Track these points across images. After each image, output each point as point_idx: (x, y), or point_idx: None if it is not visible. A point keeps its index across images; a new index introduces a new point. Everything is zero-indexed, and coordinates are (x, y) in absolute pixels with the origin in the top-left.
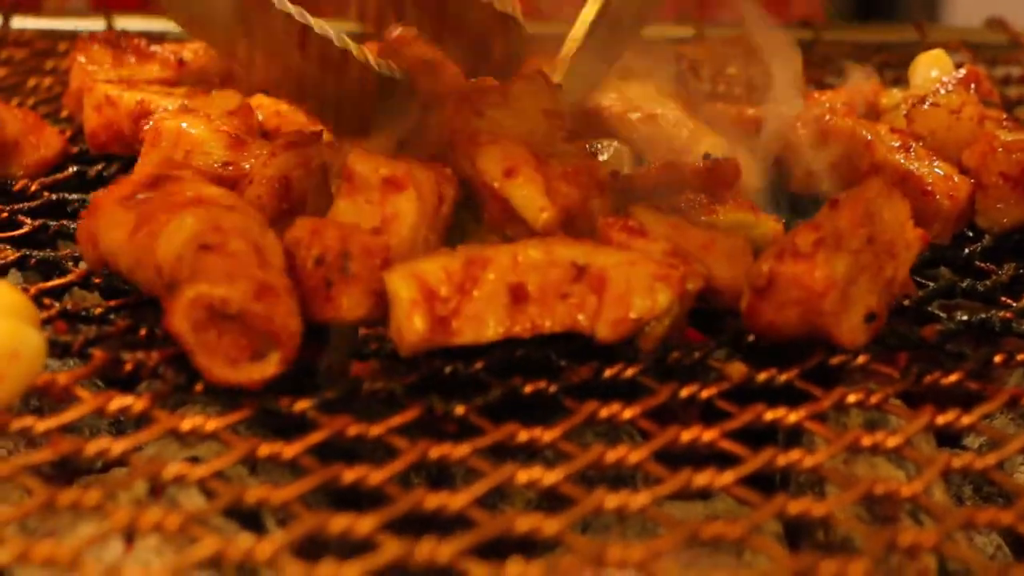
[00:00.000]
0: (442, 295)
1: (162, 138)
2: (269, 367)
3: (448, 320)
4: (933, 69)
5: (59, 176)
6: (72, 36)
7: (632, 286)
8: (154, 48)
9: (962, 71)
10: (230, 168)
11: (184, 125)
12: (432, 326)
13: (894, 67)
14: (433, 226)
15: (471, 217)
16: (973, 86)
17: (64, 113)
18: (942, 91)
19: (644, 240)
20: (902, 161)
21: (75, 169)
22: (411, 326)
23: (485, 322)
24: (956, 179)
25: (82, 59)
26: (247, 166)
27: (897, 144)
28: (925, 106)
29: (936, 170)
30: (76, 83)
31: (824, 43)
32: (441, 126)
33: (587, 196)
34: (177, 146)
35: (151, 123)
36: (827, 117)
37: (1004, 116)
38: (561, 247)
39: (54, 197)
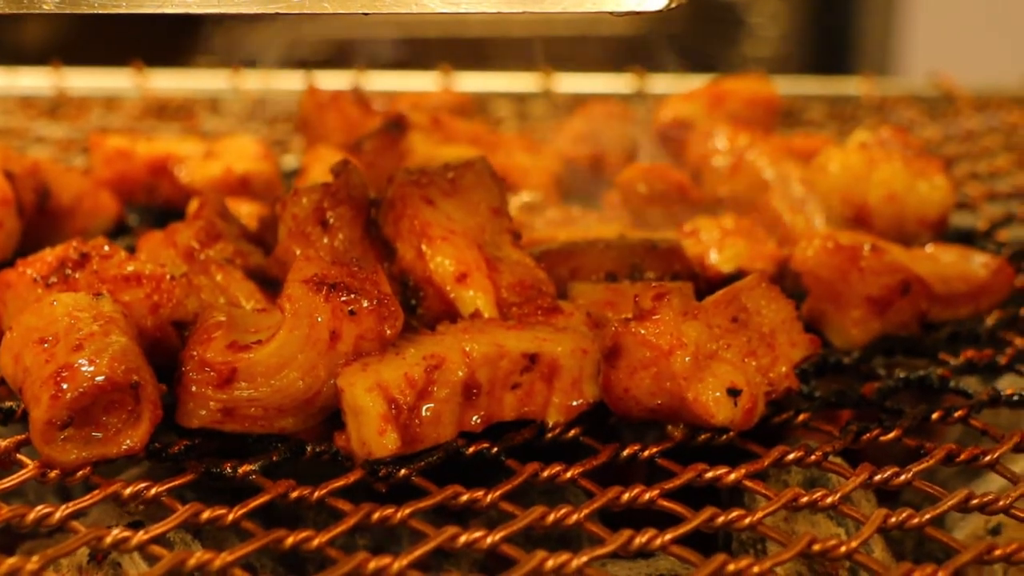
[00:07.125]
0: (404, 403)
1: None
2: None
3: (412, 429)
4: None
5: None
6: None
7: (585, 373)
8: None
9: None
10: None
11: None
12: (403, 439)
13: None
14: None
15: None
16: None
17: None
18: None
19: (563, 317)
20: None
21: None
22: (382, 442)
23: (444, 425)
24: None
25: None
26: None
27: None
28: None
29: None
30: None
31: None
32: (386, 207)
33: (533, 311)
34: None
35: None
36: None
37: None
38: (511, 339)
39: None
